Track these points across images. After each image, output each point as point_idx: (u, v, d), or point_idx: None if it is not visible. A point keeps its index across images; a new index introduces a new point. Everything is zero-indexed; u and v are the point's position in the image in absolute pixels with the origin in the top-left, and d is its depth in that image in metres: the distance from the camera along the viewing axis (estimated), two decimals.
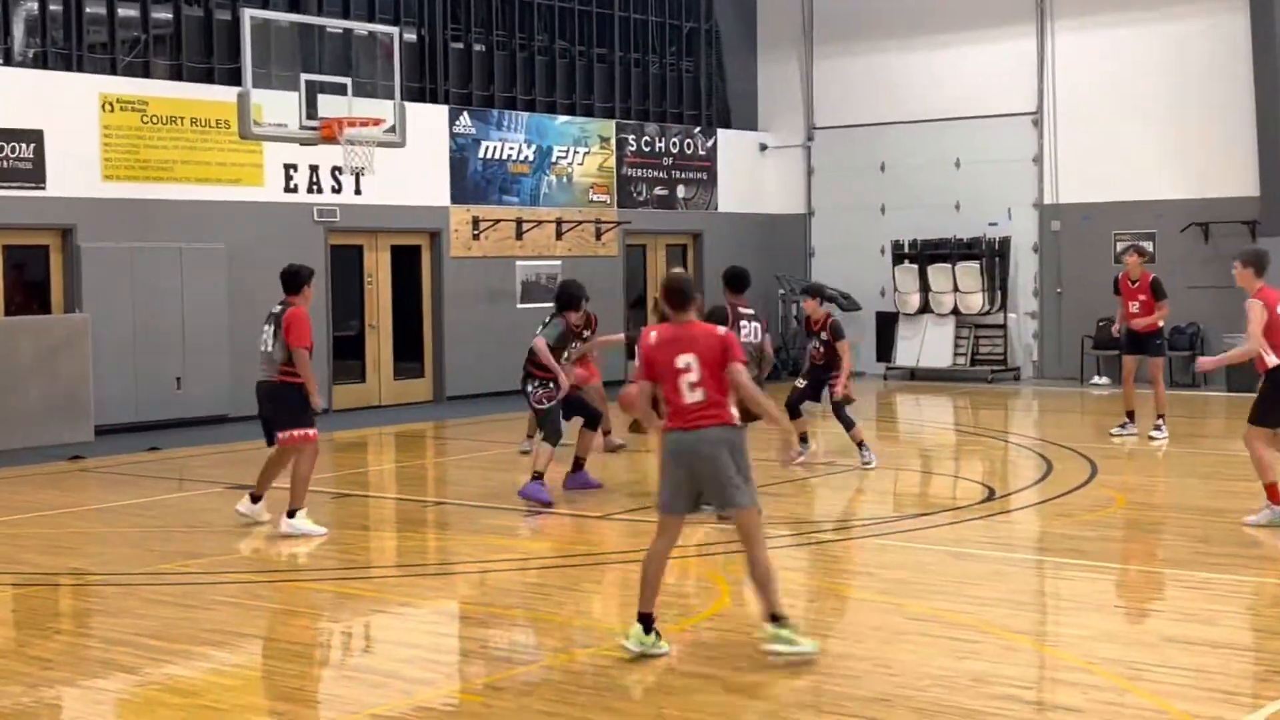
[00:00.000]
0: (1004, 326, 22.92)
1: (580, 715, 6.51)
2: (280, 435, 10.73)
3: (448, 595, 9.17)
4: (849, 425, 13.67)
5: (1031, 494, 12.27)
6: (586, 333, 14.32)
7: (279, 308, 10.81)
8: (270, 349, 10.67)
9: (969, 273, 22.73)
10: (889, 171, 23.92)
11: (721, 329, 7.35)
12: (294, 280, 10.91)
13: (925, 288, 23.17)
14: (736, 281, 11.94)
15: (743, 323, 11.47)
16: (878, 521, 11.04)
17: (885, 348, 23.72)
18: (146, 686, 7.15)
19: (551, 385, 11.98)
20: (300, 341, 10.55)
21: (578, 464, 12.47)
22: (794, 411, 14.14)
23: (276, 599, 9.04)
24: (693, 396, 7.18)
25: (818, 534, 10.87)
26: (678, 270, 9.52)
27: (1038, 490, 12.42)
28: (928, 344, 23.13)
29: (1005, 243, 22.81)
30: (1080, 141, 22.23)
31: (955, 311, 23.01)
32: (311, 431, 10.75)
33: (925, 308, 23.23)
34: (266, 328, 10.81)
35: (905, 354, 23.40)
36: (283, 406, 10.67)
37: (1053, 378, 22.53)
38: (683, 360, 7.20)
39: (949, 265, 22.87)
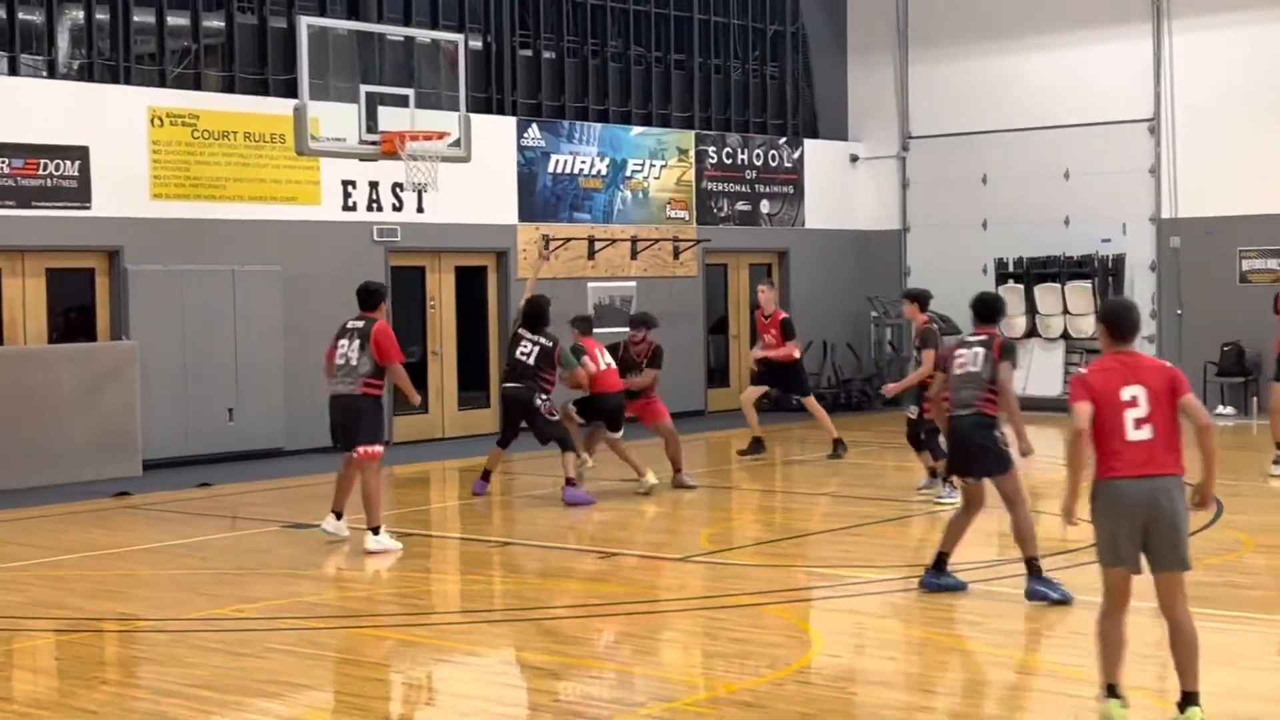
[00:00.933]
0: None
1: None
2: (359, 450, 11.69)
3: (515, 644, 9.17)
4: (937, 453, 13.41)
5: None
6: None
7: (361, 323, 11.79)
8: (355, 362, 11.67)
9: (1080, 293, 22.50)
10: (991, 184, 23.75)
11: (1169, 363, 7.09)
12: (372, 297, 11.93)
13: (1032, 310, 22.96)
14: (984, 309, 10.57)
15: (960, 351, 10.39)
16: (984, 565, 10.92)
17: None
18: None
19: (550, 399, 14.04)
20: (396, 357, 11.71)
21: (486, 474, 14.56)
22: (917, 445, 13.96)
23: (335, 647, 9.09)
24: (1137, 434, 6.78)
25: (913, 579, 10.76)
26: (1121, 297, 9.36)
27: None
28: (1034, 371, 22.91)
29: (1119, 261, 22.55)
30: (1201, 150, 21.95)
31: (1065, 335, 22.78)
32: (381, 448, 11.87)
33: (1032, 331, 23.01)
34: (345, 342, 11.80)
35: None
36: (364, 420, 11.71)
37: None
38: (1128, 392, 6.82)
39: (1058, 285, 22.65)
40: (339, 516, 12.13)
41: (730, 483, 16.05)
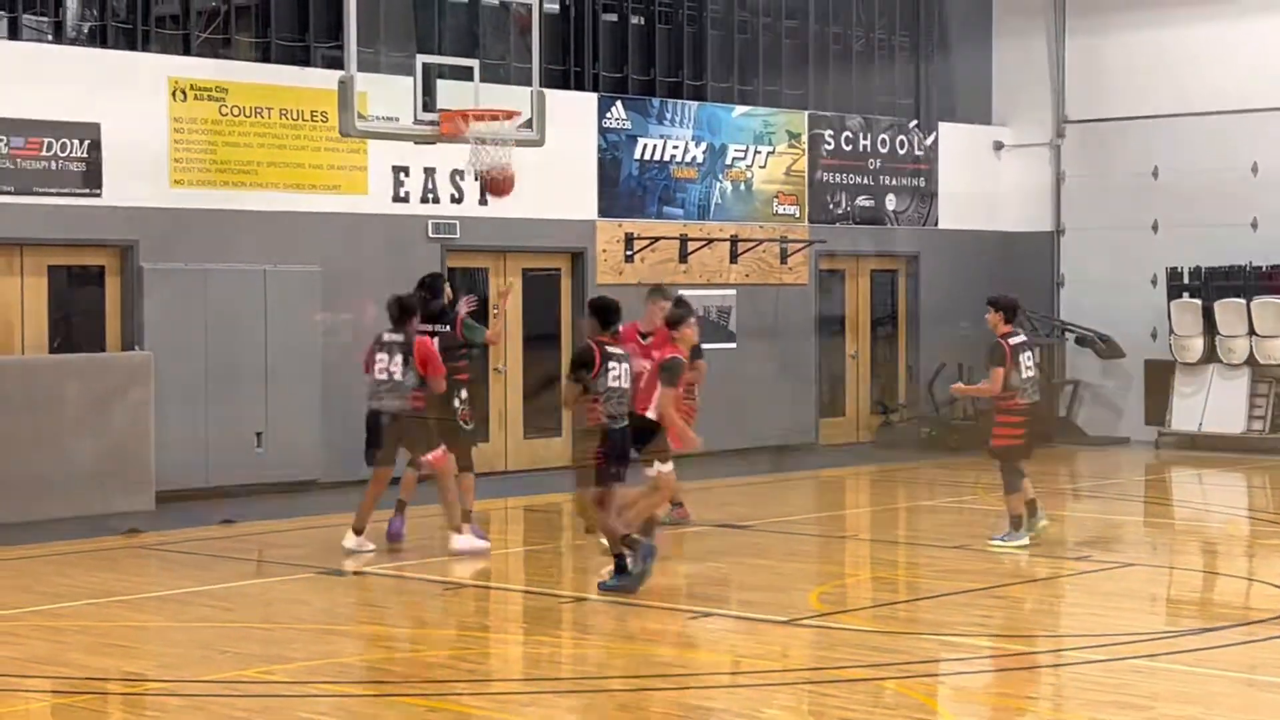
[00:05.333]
0: None
1: None
2: (425, 459, 13.63)
3: (589, 719, 9.19)
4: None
5: None
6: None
7: (400, 335, 13.52)
8: (401, 377, 13.45)
9: (1269, 310, 22.27)
10: (1164, 178, 23.56)
11: None
12: (405, 313, 13.72)
13: (1211, 329, 22.74)
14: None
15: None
16: (1147, 638, 10.83)
17: (1157, 407, 23.29)
18: None
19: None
20: (442, 371, 13.56)
21: (400, 506, 14.34)
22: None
23: (378, 717, 9.15)
24: None
25: (1066, 651, 10.69)
26: None
27: None
28: (1214, 403, 22.70)
29: None
30: None
31: (1251, 361, 22.55)
32: (444, 449, 13.63)
33: (1211, 355, 22.79)
34: (384, 355, 13.57)
35: (1184, 416, 22.97)
36: (420, 433, 13.58)
37: None
38: None
39: (1242, 300, 22.44)
40: (359, 533, 13.70)
41: (845, 531, 16.00)
